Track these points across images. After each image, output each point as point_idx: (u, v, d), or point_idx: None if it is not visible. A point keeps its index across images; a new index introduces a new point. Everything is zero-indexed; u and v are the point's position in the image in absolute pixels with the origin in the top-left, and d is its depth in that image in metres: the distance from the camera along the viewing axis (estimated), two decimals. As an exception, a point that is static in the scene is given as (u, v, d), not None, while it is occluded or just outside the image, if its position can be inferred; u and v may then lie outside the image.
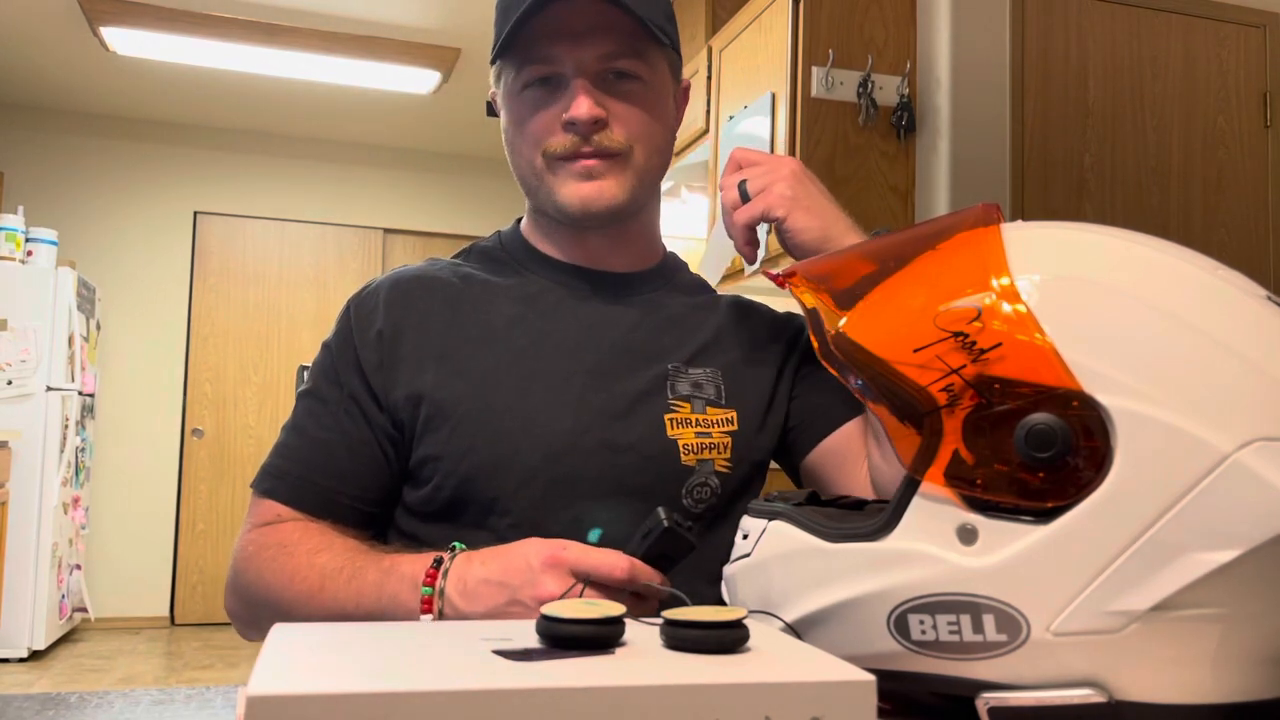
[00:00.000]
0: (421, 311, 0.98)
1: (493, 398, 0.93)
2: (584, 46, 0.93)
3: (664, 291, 1.05)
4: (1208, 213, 2.87)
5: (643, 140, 0.97)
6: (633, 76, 0.95)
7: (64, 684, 4.14)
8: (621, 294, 1.02)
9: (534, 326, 0.98)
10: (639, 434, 0.94)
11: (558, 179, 0.96)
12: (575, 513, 0.91)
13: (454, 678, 0.44)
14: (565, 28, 0.92)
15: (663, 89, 1.00)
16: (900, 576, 0.58)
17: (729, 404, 0.99)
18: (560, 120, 0.94)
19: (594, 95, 0.93)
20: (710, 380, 0.99)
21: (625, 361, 0.97)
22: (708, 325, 1.04)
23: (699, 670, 0.47)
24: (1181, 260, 0.60)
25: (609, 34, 0.93)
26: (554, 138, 0.95)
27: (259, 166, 5.81)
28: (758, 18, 2.97)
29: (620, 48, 0.94)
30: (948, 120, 2.68)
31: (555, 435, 0.92)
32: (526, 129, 0.96)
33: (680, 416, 0.96)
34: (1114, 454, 0.54)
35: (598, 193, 0.95)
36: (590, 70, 0.94)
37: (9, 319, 4.55)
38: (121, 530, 5.46)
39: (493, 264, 1.05)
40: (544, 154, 0.96)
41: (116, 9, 4.13)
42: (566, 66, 0.93)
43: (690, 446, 0.96)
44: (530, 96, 0.96)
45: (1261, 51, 2.95)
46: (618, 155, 0.95)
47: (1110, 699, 0.54)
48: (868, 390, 0.62)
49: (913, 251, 0.63)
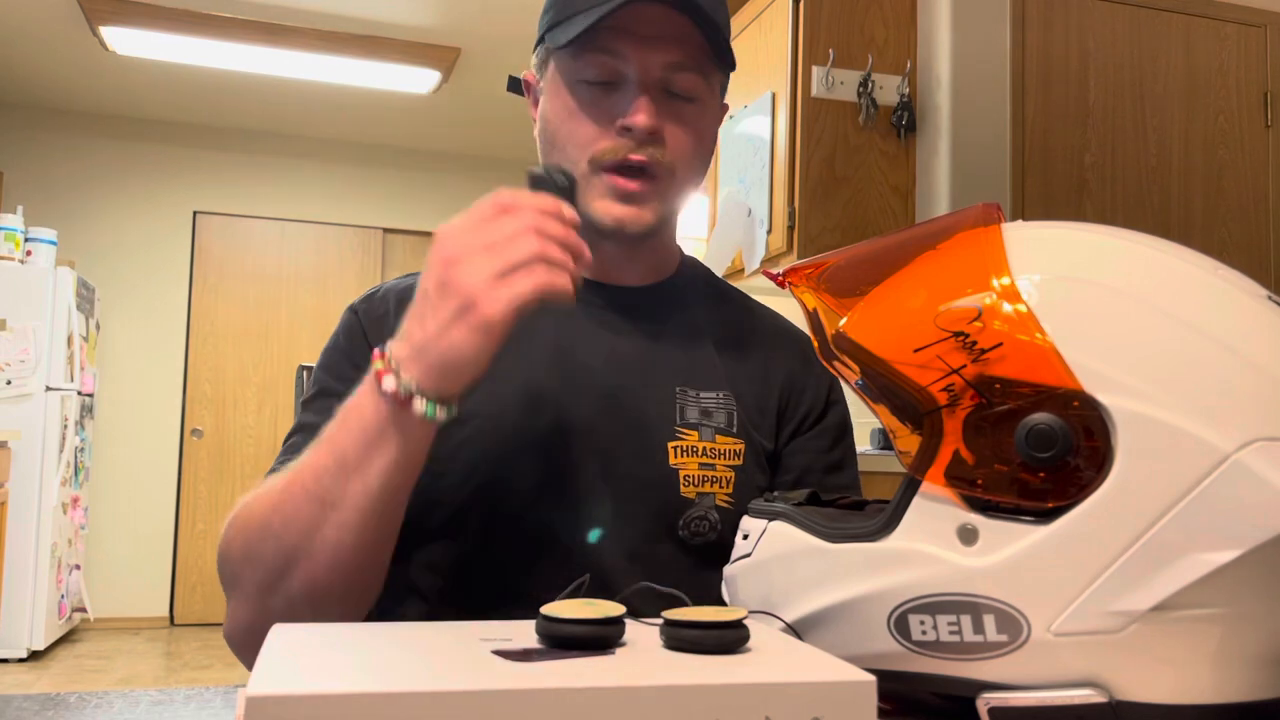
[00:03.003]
0: None
1: (500, 414, 0.91)
2: (652, 51, 0.90)
3: (679, 306, 1.02)
4: (1208, 212, 2.87)
5: (686, 164, 0.94)
6: (689, 97, 0.93)
7: (64, 684, 4.14)
8: (634, 310, 1.00)
9: (543, 340, 0.95)
10: (640, 461, 0.92)
11: (597, 191, 0.93)
12: (575, 534, 0.90)
13: (454, 678, 0.44)
14: (636, 28, 0.90)
15: (713, 113, 0.98)
16: (901, 576, 0.58)
17: (739, 434, 0.96)
18: (614, 123, 0.91)
19: (655, 105, 0.91)
20: (722, 406, 0.96)
21: (634, 381, 0.95)
22: (724, 344, 1.01)
23: (699, 670, 0.47)
24: (1182, 260, 0.59)
25: (678, 43, 0.90)
26: (604, 142, 0.92)
27: (259, 166, 5.81)
28: (758, 17, 2.97)
29: (686, 59, 0.91)
30: (948, 120, 2.68)
31: (558, 460, 0.91)
32: (576, 127, 0.93)
33: (686, 444, 0.94)
34: (1114, 454, 0.54)
35: (634, 217, 0.93)
36: (654, 77, 0.91)
37: (8, 319, 4.56)
38: (121, 530, 5.47)
39: None
40: (591, 160, 0.92)
41: (116, 9, 4.13)
42: (631, 68, 0.91)
43: (692, 478, 0.93)
44: (586, 92, 0.93)
45: (1261, 51, 2.95)
46: (660, 176, 0.93)
47: (1111, 699, 0.54)
48: (868, 390, 0.62)
49: (913, 251, 0.63)
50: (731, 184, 3.06)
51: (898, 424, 0.62)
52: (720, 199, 3.12)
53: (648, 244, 1.00)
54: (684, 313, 1.02)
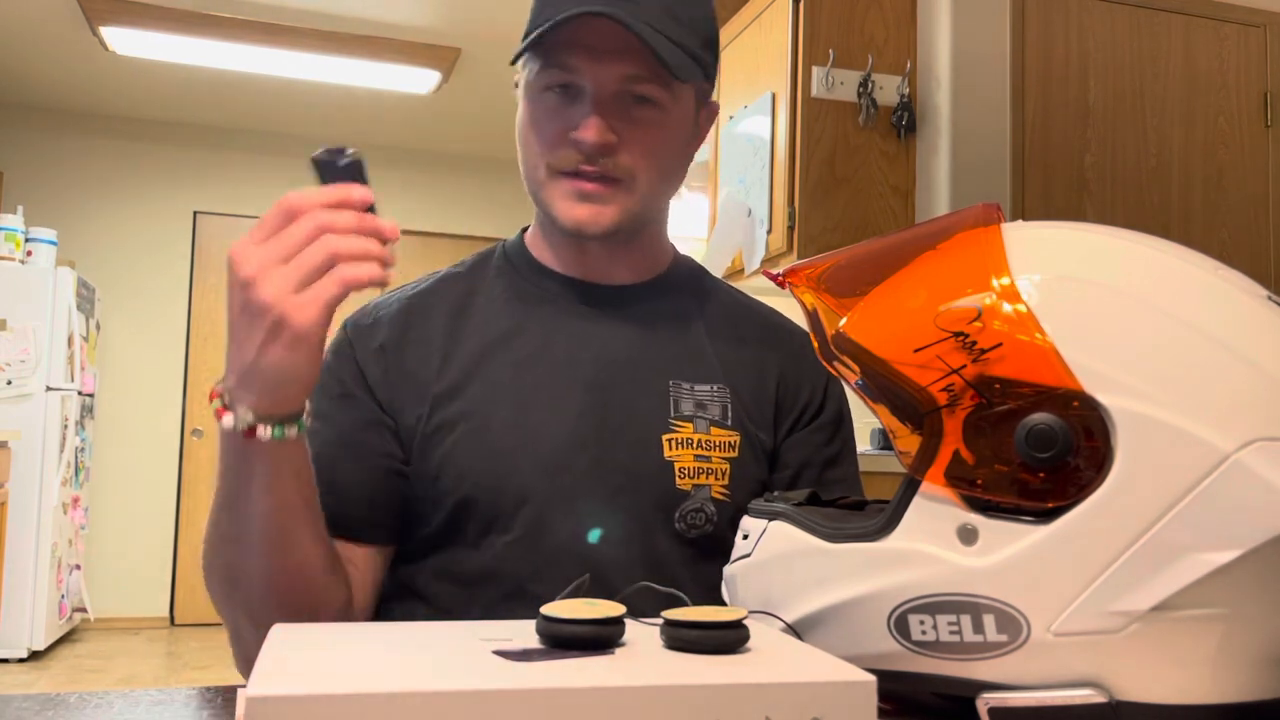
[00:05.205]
0: (421, 328, 0.97)
1: (490, 415, 0.92)
2: (606, 64, 0.90)
3: (670, 301, 1.02)
4: (1208, 212, 2.87)
5: (649, 168, 0.94)
6: (651, 102, 0.92)
7: (64, 684, 4.14)
8: (623, 306, 1.00)
9: (532, 340, 0.96)
10: (634, 454, 0.93)
11: (556, 193, 0.94)
12: (572, 530, 0.90)
13: (454, 678, 0.44)
14: (591, 41, 0.89)
15: (682, 115, 0.97)
16: (900, 577, 0.58)
17: (734, 426, 0.96)
18: (568, 134, 0.92)
19: (607, 119, 0.90)
20: (716, 399, 0.97)
21: (625, 376, 0.95)
22: (718, 338, 1.01)
23: (699, 670, 0.47)
24: (1182, 260, 0.59)
25: (633, 56, 0.90)
26: (560, 151, 0.92)
27: (259, 166, 5.81)
28: (758, 17, 2.97)
29: (643, 71, 0.90)
30: (948, 120, 2.68)
31: (551, 454, 0.91)
32: (537, 133, 0.94)
33: (681, 437, 0.94)
34: (1114, 454, 0.54)
35: (593, 217, 0.93)
36: (609, 90, 0.91)
37: (9, 319, 4.55)
38: (121, 530, 5.46)
39: (493, 275, 1.03)
40: (548, 166, 0.94)
41: (116, 9, 4.13)
42: (585, 81, 0.91)
43: (687, 470, 0.93)
44: (547, 100, 0.93)
45: (1261, 51, 2.95)
46: (620, 179, 0.93)
47: (1110, 699, 0.54)
48: (868, 390, 0.62)
49: (913, 251, 0.63)
50: (731, 184, 3.06)
51: (898, 424, 0.62)
52: (720, 199, 3.12)
53: (633, 244, 1.00)
54: (676, 307, 1.02)
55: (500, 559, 0.90)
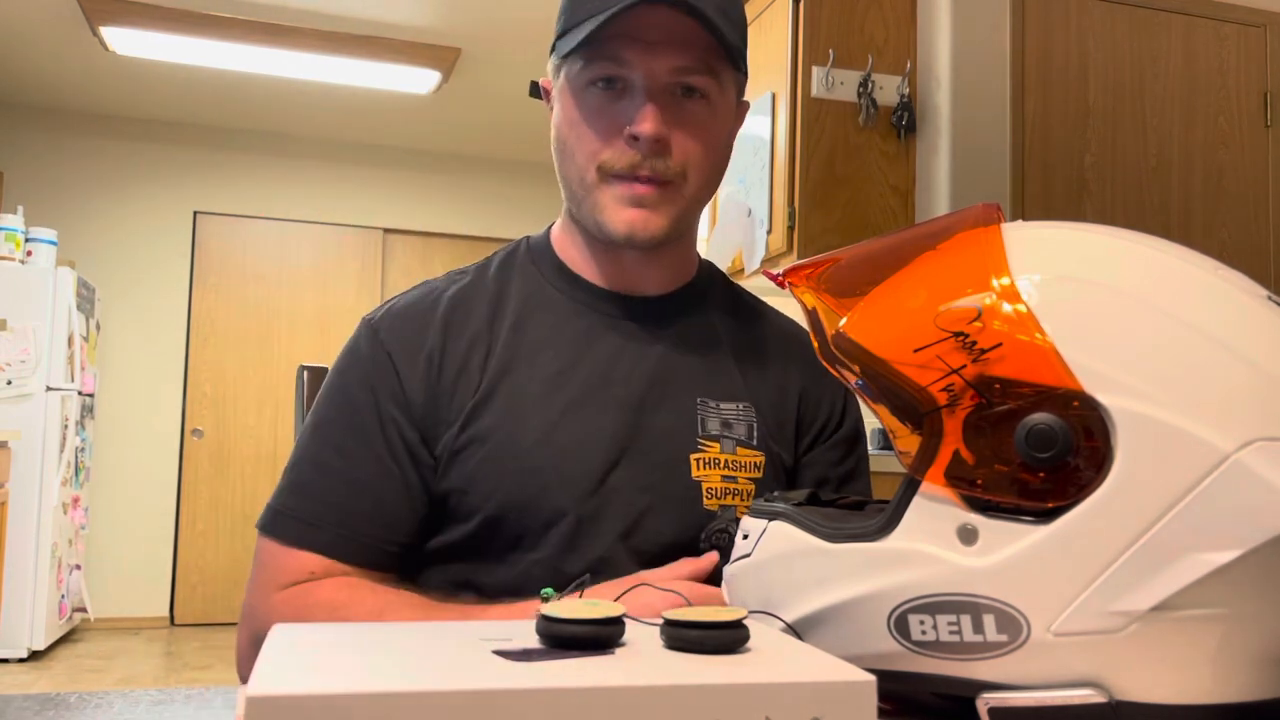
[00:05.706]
0: (457, 340, 0.94)
1: (521, 431, 0.90)
2: (658, 56, 0.88)
3: (698, 315, 1.01)
4: (1208, 212, 2.87)
5: (697, 167, 0.92)
6: (701, 95, 0.91)
7: (64, 684, 4.14)
8: (653, 320, 0.98)
9: (563, 354, 0.94)
10: (664, 474, 0.91)
11: (607, 199, 0.91)
12: (598, 553, 0.89)
13: (454, 678, 0.44)
14: (642, 33, 0.88)
15: (727, 112, 0.96)
16: (900, 576, 0.58)
17: (759, 446, 0.95)
18: (622, 131, 0.90)
19: (662, 112, 0.89)
20: (742, 418, 0.96)
21: (655, 393, 0.94)
22: (743, 352, 1.00)
23: (699, 670, 0.47)
24: (1182, 260, 0.59)
25: (685, 47, 0.88)
26: (611, 150, 0.90)
27: (259, 166, 5.81)
28: (758, 17, 2.97)
29: (694, 63, 0.89)
30: (948, 120, 2.68)
31: (582, 474, 0.90)
32: (584, 133, 0.92)
33: (708, 456, 0.93)
34: (1114, 454, 0.54)
35: (644, 222, 0.91)
36: (660, 82, 0.89)
37: (9, 319, 4.55)
38: (121, 530, 5.46)
39: (521, 281, 1.00)
40: (599, 168, 0.91)
41: (116, 9, 4.13)
42: (637, 74, 0.89)
43: (714, 490, 0.92)
44: (593, 97, 0.91)
45: (1261, 51, 2.95)
46: (672, 181, 0.91)
47: (1110, 699, 0.54)
48: (868, 390, 0.62)
49: (913, 251, 0.63)
50: (731, 184, 3.06)
51: (898, 424, 0.62)
52: (720, 199, 3.11)
53: (668, 251, 0.98)
54: (703, 321, 1.01)
55: (527, 577, 0.89)
